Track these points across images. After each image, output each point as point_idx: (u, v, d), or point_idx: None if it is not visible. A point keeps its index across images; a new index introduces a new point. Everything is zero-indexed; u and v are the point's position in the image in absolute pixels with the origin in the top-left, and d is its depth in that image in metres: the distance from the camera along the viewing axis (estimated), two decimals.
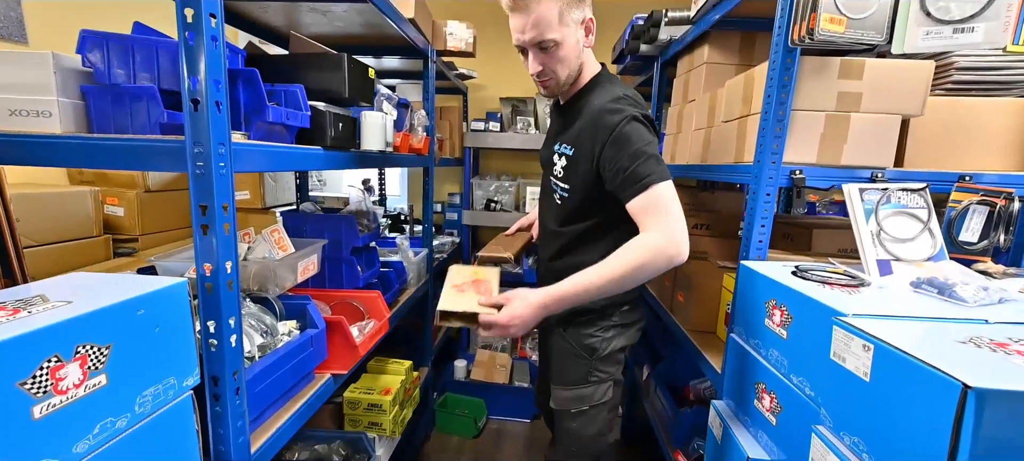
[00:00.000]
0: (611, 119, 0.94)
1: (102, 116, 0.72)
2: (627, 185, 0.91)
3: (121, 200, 1.85)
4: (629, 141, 0.91)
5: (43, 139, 0.67)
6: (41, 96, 0.68)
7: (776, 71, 0.94)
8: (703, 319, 1.41)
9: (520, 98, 2.89)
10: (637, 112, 0.95)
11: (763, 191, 0.99)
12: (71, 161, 0.68)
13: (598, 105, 0.98)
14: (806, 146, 0.98)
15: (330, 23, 1.66)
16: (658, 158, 0.91)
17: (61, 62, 0.69)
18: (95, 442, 0.55)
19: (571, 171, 1.05)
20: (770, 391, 0.87)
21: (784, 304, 0.83)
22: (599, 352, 1.10)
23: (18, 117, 0.68)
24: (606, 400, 1.12)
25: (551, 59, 0.98)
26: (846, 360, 0.61)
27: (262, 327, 0.99)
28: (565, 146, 1.06)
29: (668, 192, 0.89)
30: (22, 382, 0.47)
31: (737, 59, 1.47)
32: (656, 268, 0.89)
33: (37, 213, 1.48)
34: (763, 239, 1.02)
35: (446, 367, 2.65)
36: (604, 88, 1.03)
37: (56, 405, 0.51)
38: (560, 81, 1.02)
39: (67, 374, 0.52)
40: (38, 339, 0.49)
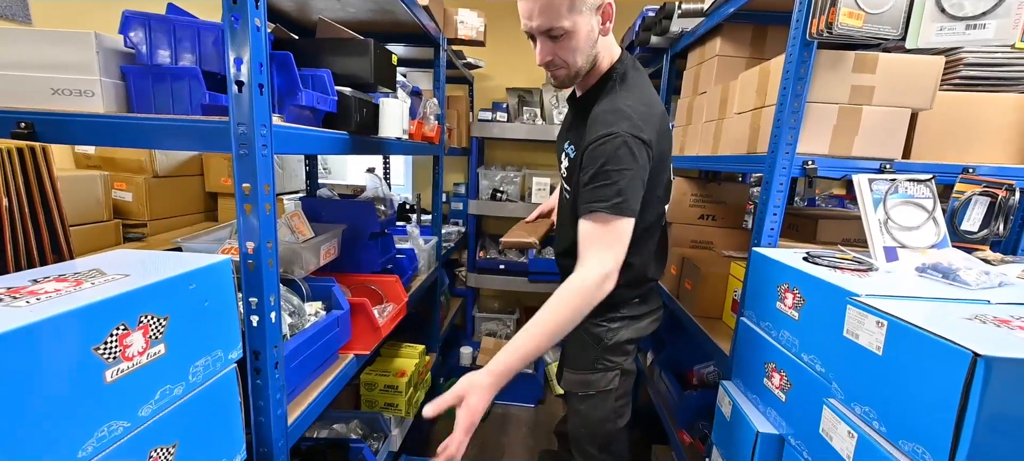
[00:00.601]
0: (600, 128, 0.88)
1: (142, 96, 0.73)
2: (583, 200, 0.89)
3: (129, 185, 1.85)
4: (598, 158, 0.86)
5: (87, 118, 0.69)
6: (84, 75, 0.69)
7: (793, 64, 0.97)
8: (709, 306, 1.46)
9: (527, 89, 2.91)
10: (627, 133, 0.86)
11: (777, 181, 1.02)
12: (113, 140, 0.69)
13: (599, 110, 0.92)
14: (819, 137, 1.02)
15: (343, 9, 1.66)
16: (621, 188, 0.85)
17: (103, 42, 0.70)
18: (157, 407, 0.58)
19: (572, 172, 1.01)
20: (780, 370, 0.92)
21: (796, 287, 0.88)
22: (605, 341, 1.10)
23: (61, 96, 0.70)
24: (612, 388, 1.13)
25: (561, 48, 0.91)
26: (859, 337, 0.66)
27: (290, 307, 1.02)
28: (570, 146, 1.02)
29: (617, 226, 0.85)
30: (96, 347, 0.50)
31: (749, 52, 1.50)
32: (586, 308, 0.87)
33: None
34: (775, 227, 1.06)
35: (452, 353, 2.69)
36: (615, 94, 0.95)
37: (124, 371, 0.53)
38: (571, 72, 0.95)
39: (133, 341, 0.54)
40: (108, 307, 0.51)
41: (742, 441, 0.98)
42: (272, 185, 0.74)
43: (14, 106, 0.70)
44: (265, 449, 0.80)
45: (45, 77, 0.70)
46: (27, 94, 0.70)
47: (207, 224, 2.07)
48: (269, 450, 0.80)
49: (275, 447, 0.80)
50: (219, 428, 0.70)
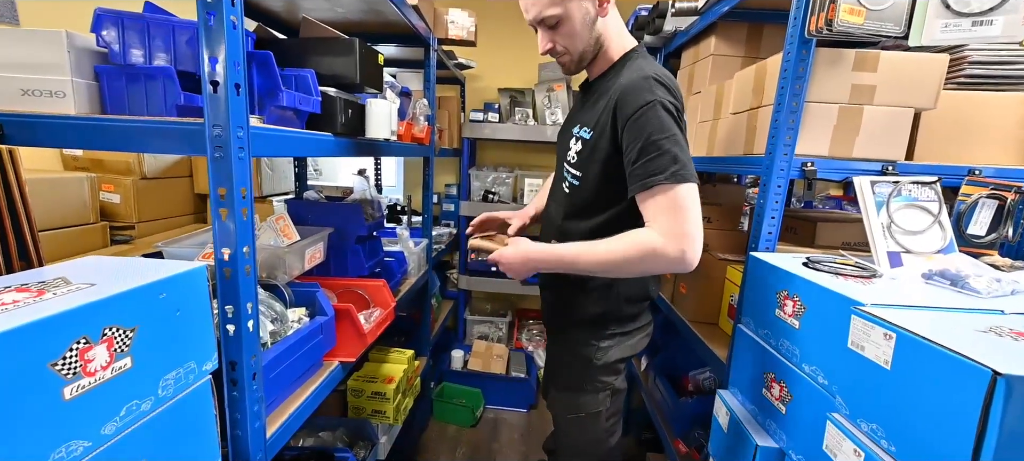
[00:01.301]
0: (634, 100, 0.85)
1: (116, 97, 0.70)
2: (634, 178, 0.85)
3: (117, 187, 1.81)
4: (644, 129, 0.83)
5: (58, 120, 0.66)
6: (54, 75, 0.66)
7: (791, 62, 0.95)
8: (705, 310, 1.43)
9: (519, 89, 2.88)
10: (667, 99, 0.85)
11: (775, 183, 1.00)
12: (85, 143, 0.66)
13: (625, 82, 0.89)
14: (818, 138, 1.00)
15: (331, 9, 1.63)
16: (676, 155, 0.81)
17: (75, 41, 0.66)
18: (122, 424, 0.55)
19: (586, 157, 0.96)
20: (780, 380, 0.89)
21: (796, 294, 0.85)
22: (594, 362, 1.05)
23: (31, 97, 0.66)
24: (602, 409, 1.08)
25: (559, 35, 0.93)
26: (865, 349, 0.63)
27: (272, 314, 0.99)
28: (584, 129, 0.97)
29: (681, 194, 0.80)
30: (53, 363, 0.47)
31: (744, 51, 1.48)
32: (648, 268, 0.84)
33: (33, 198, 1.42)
34: (773, 231, 1.04)
35: (443, 357, 2.66)
36: (638, 66, 0.92)
37: (85, 386, 0.50)
38: (574, 58, 0.96)
39: (95, 356, 0.51)
40: (67, 320, 0.48)
41: (740, 454, 0.96)
42: (249, 188, 0.71)
43: None
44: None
45: (14, 77, 0.66)
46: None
47: (195, 226, 2.03)
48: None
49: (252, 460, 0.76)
50: (192, 444, 0.66)
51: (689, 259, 0.82)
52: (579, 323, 1.07)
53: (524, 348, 2.79)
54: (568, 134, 1.04)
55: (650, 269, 0.86)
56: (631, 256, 0.84)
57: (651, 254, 0.82)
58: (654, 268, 0.85)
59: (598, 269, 0.89)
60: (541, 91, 2.76)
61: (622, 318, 1.06)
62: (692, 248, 0.81)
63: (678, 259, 0.81)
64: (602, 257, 0.86)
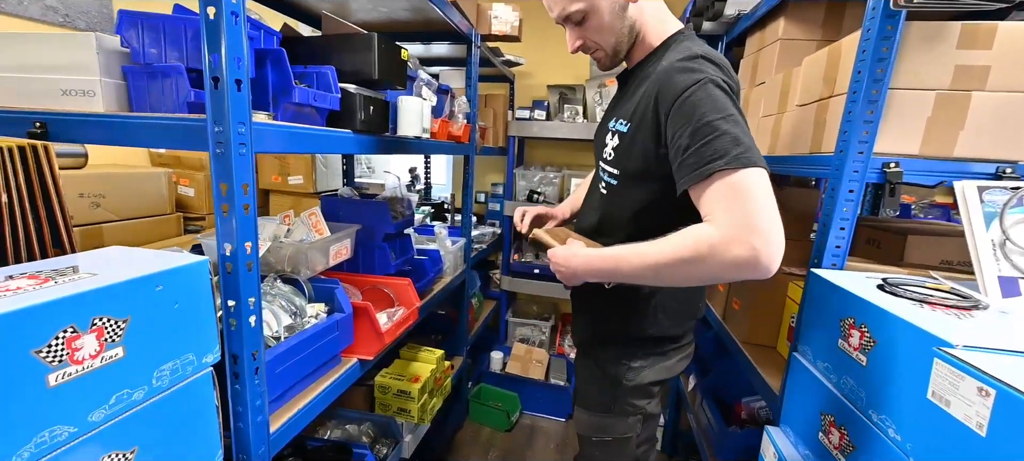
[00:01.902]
0: (680, 81, 0.72)
1: (140, 95, 0.74)
2: (685, 168, 0.69)
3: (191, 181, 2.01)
4: (696, 110, 0.68)
5: (86, 118, 0.71)
6: (86, 76, 0.71)
7: (871, 41, 0.77)
8: (761, 331, 1.25)
9: (569, 85, 2.77)
10: (718, 75, 0.72)
11: (845, 187, 0.83)
12: (109, 138, 0.71)
13: (667, 64, 0.76)
14: (906, 133, 0.81)
15: (375, 8, 1.66)
16: (737, 136, 0.65)
17: (103, 43, 0.71)
18: (111, 412, 0.56)
19: (624, 152, 0.85)
20: (840, 426, 0.73)
21: (865, 324, 0.69)
22: (624, 383, 0.95)
23: (69, 97, 0.72)
24: (631, 435, 0.98)
25: (588, 31, 0.85)
26: (951, 405, 0.48)
27: (292, 308, 1.01)
28: (620, 121, 0.86)
29: (746, 180, 0.63)
30: (37, 350, 0.49)
31: (820, 34, 1.27)
32: (709, 272, 0.67)
33: (120, 191, 1.64)
34: (841, 244, 0.86)
35: (483, 357, 2.64)
36: (681, 47, 0.81)
37: (71, 374, 0.52)
38: (609, 53, 0.87)
39: (83, 345, 0.53)
40: (52, 310, 0.50)
41: None
42: (251, 184, 0.71)
43: (30, 106, 0.73)
44: (244, 456, 0.77)
45: (55, 78, 0.72)
46: (40, 95, 0.73)
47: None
48: (248, 457, 0.77)
49: (254, 454, 0.77)
50: (189, 434, 0.68)
51: (763, 260, 0.62)
52: (609, 338, 0.98)
53: (566, 354, 2.69)
54: (604, 129, 0.94)
55: (714, 275, 0.67)
56: (683, 257, 0.67)
57: (709, 253, 0.64)
58: (718, 273, 0.66)
59: (646, 275, 0.73)
60: (592, 87, 2.64)
61: (660, 337, 0.95)
62: (767, 246, 0.61)
63: (747, 260, 0.62)
64: (651, 259, 0.71)
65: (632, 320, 0.94)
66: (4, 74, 0.72)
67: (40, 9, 1.61)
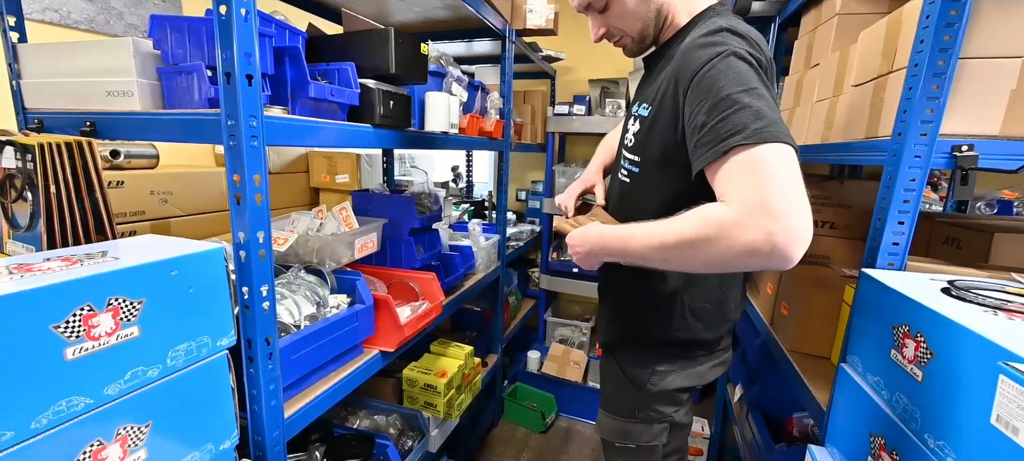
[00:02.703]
0: (700, 56, 0.65)
1: (171, 93, 0.80)
2: (702, 147, 0.62)
3: None
4: (715, 83, 0.62)
5: (126, 116, 0.77)
6: (125, 77, 0.77)
7: (937, 3, 0.64)
8: (813, 340, 1.10)
9: (611, 79, 2.67)
10: (742, 47, 0.65)
11: (904, 175, 0.69)
12: (145, 134, 0.77)
13: (690, 40, 0.71)
14: (983, 111, 0.66)
15: (409, 9, 1.69)
16: (760, 110, 0.58)
17: (139, 47, 0.77)
18: (126, 386, 0.60)
19: (645, 138, 0.79)
20: (891, 451, 0.61)
21: (921, 332, 0.57)
22: (648, 388, 0.89)
23: (113, 97, 0.80)
24: (657, 444, 0.91)
25: (611, 18, 0.81)
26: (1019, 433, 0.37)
27: (315, 298, 1.04)
28: (643, 106, 0.81)
29: (766, 155, 0.56)
30: (56, 326, 0.53)
31: (885, 6, 1.09)
32: (718, 255, 0.58)
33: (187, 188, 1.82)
34: (900, 241, 0.72)
35: (519, 356, 2.61)
36: (707, 22, 0.75)
37: (88, 349, 0.56)
38: (635, 38, 0.83)
39: (99, 323, 0.57)
40: (70, 289, 0.54)
41: None
42: (264, 176, 0.73)
43: (83, 107, 0.82)
44: (259, 438, 0.80)
45: (101, 81, 0.80)
46: (89, 96, 0.81)
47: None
48: (263, 439, 0.80)
49: (268, 437, 0.80)
50: (204, 412, 0.71)
51: (779, 246, 0.53)
52: (633, 340, 0.92)
53: None
54: (628, 116, 0.89)
55: (723, 260, 0.58)
56: (689, 238, 0.60)
57: (717, 236, 0.57)
58: (728, 259, 0.58)
59: (654, 256, 0.67)
60: (635, 79, 2.51)
61: (688, 341, 0.87)
62: (784, 231, 0.53)
63: (759, 245, 0.54)
64: (658, 239, 0.64)
65: (658, 321, 0.87)
66: (60, 79, 0.81)
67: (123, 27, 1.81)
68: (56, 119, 0.82)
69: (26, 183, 0.70)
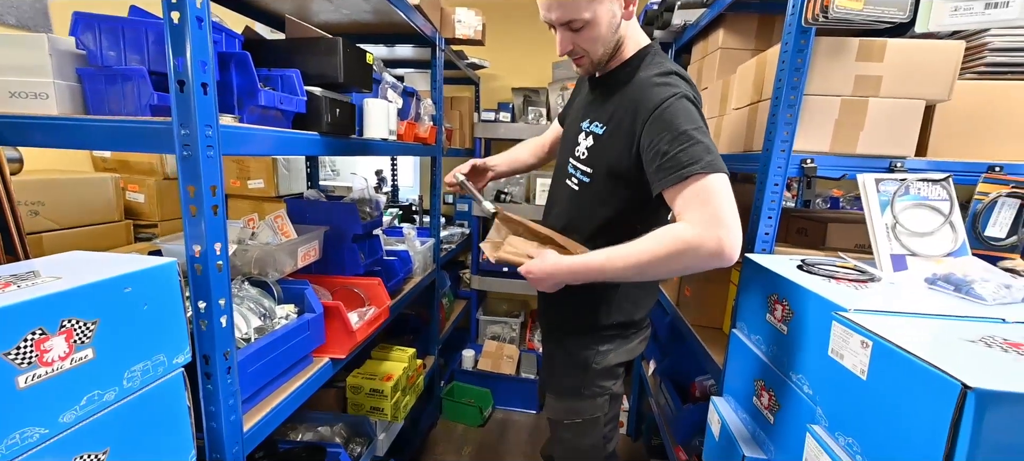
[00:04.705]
0: (658, 93, 0.82)
1: (97, 98, 0.73)
2: (664, 171, 0.79)
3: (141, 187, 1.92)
4: (674, 121, 0.79)
5: (40, 120, 0.69)
6: (38, 78, 0.70)
7: (788, 53, 0.89)
8: (710, 315, 1.37)
9: (532, 88, 2.85)
10: (689, 91, 0.83)
11: (771, 181, 0.94)
12: (67, 142, 0.70)
13: (645, 77, 0.87)
14: (819, 133, 0.93)
15: (337, 10, 1.66)
16: (707, 145, 0.77)
17: (56, 44, 0.70)
18: (82, 412, 0.57)
19: (598, 152, 0.93)
20: (769, 388, 0.84)
21: (785, 298, 0.79)
22: (594, 367, 1.03)
23: (18, 99, 0.71)
24: (600, 415, 1.06)
25: (582, 39, 0.88)
26: (844, 357, 0.58)
27: (260, 310, 1.01)
28: (595, 124, 0.94)
29: (715, 183, 0.75)
30: (6, 353, 0.49)
31: (754, 44, 1.41)
32: (687, 264, 0.78)
33: (62, 197, 1.55)
34: (770, 231, 0.97)
35: (454, 356, 2.67)
36: (654, 62, 0.91)
37: (41, 376, 0.52)
38: (594, 60, 0.92)
39: (52, 347, 0.53)
40: (20, 312, 0.50)
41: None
42: (220, 186, 0.72)
43: None
44: (218, 456, 0.78)
45: (2, 80, 0.71)
46: None
47: None
48: (222, 456, 0.78)
49: (228, 453, 0.78)
50: (161, 434, 0.68)
51: (727, 251, 0.74)
52: (579, 327, 1.05)
53: (536, 349, 2.77)
54: (576, 129, 1.01)
55: (688, 266, 0.78)
56: (666, 254, 0.77)
57: (688, 249, 0.75)
58: (692, 265, 0.78)
59: (630, 273, 0.82)
60: (555, 90, 2.72)
61: (624, 322, 1.03)
62: (730, 238, 0.74)
63: (716, 251, 0.74)
64: (635, 259, 0.80)
65: (601, 309, 1.02)
66: None
67: None
68: None
69: None
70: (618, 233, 0.96)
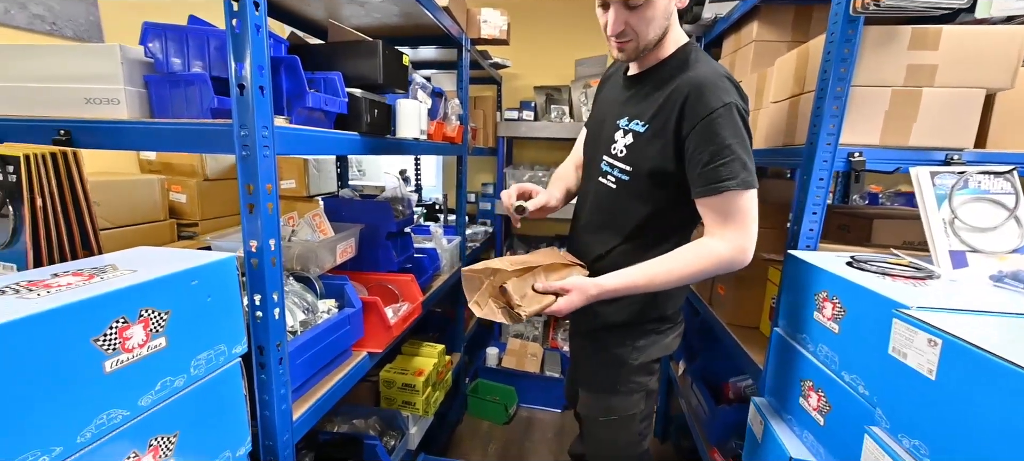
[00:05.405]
0: (708, 99, 0.81)
1: (162, 102, 0.78)
2: (702, 181, 0.83)
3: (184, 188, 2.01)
4: (720, 132, 0.80)
5: (113, 124, 0.74)
6: (111, 85, 0.74)
7: (835, 44, 0.87)
8: (745, 314, 1.34)
9: (555, 87, 2.86)
10: (740, 103, 0.83)
11: (816, 176, 0.92)
12: (137, 144, 0.74)
13: (698, 78, 0.84)
14: (867, 126, 0.90)
15: (368, 14, 1.70)
16: (746, 162, 0.81)
17: (127, 53, 0.75)
18: (157, 397, 0.60)
19: (639, 151, 0.92)
20: (818, 389, 0.82)
21: (836, 296, 0.77)
22: (629, 362, 1.02)
23: (93, 105, 0.75)
24: (636, 412, 1.05)
25: (637, 18, 0.84)
26: (907, 357, 0.56)
27: (304, 304, 1.05)
28: (636, 122, 0.92)
29: (747, 202, 0.82)
30: (95, 339, 0.53)
31: (790, 36, 1.37)
32: (715, 274, 0.87)
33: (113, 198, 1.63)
34: (814, 228, 0.95)
35: (479, 353, 2.69)
36: (705, 62, 0.89)
37: (123, 362, 0.56)
38: (640, 44, 0.88)
39: (133, 334, 0.57)
40: (108, 301, 0.54)
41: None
42: (275, 185, 0.75)
43: (55, 115, 0.76)
44: (270, 442, 0.81)
45: (80, 88, 0.75)
46: (65, 103, 0.76)
47: None
48: (274, 443, 0.81)
49: (279, 441, 0.82)
50: (222, 420, 0.72)
51: (746, 261, 0.85)
52: (616, 324, 1.03)
53: (559, 348, 2.77)
54: (611, 127, 0.98)
55: (718, 274, 0.89)
56: (704, 269, 0.86)
57: (721, 264, 0.85)
58: (718, 273, 0.88)
59: (672, 285, 0.89)
60: (577, 88, 2.72)
61: (660, 317, 1.03)
62: (751, 250, 0.85)
63: (740, 262, 0.85)
64: (678, 274, 0.87)
65: (636, 305, 1.01)
66: (30, 84, 0.75)
67: (26, 18, 1.60)
68: (17, 127, 0.75)
69: (7, 197, 0.65)
70: (655, 230, 0.96)
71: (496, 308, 0.86)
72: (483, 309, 0.86)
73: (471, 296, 0.88)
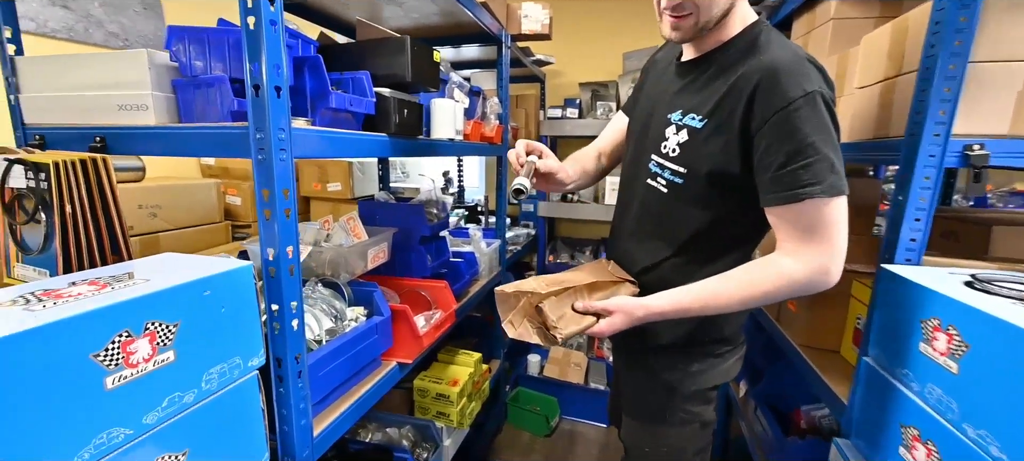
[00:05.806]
0: (789, 87, 0.67)
1: (188, 106, 0.77)
2: (776, 185, 0.68)
3: (238, 191, 2.12)
4: (801, 128, 0.66)
5: (140, 130, 0.74)
6: (139, 91, 0.74)
7: (946, 11, 0.68)
8: (823, 335, 1.15)
9: (601, 82, 2.71)
10: (825, 91, 0.68)
11: (919, 174, 0.73)
12: (163, 149, 0.74)
13: (772, 61, 0.69)
14: (992, 112, 0.71)
15: (406, 15, 1.68)
16: (833, 163, 0.66)
17: (153, 58, 0.74)
18: (164, 414, 0.58)
19: (696, 149, 0.77)
20: (926, 441, 0.65)
21: (952, 326, 0.60)
22: (681, 390, 0.89)
23: (125, 111, 0.76)
24: (687, 446, 0.91)
25: None
26: None
27: (332, 311, 1.02)
28: (691, 116, 0.78)
29: (834, 212, 0.67)
30: (95, 354, 0.50)
31: (877, 11, 1.16)
32: (782, 300, 0.75)
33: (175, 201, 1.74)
34: (917, 238, 0.76)
35: (520, 360, 2.61)
36: (780, 43, 0.74)
37: (127, 377, 0.53)
38: (701, 20, 0.74)
39: (137, 348, 0.54)
40: (109, 314, 0.51)
41: None
42: (292, 190, 0.72)
43: (93, 123, 0.78)
44: (289, 459, 0.78)
45: (112, 94, 0.76)
46: (100, 111, 0.78)
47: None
48: (293, 460, 0.78)
49: (299, 457, 0.78)
50: (237, 436, 0.69)
51: (829, 284, 0.71)
52: (664, 344, 0.90)
53: (605, 358, 2.62)
54: (661, 121, 0.84)
55: (787, 299, 0.80)
56: (772, 293, 0.73)
57: (794, 288, 0.72)
58: (790, 298, 0.79)
59: (731, 310, 0.77)
60: (625, 82, 2.56)
61: (718, 339, 0.89)
62: (837, 273, 0.70)
63: (820, 285, 0.71)
64: (740, 298, 0.75)
65: (693, 325, 0.87)
66: (67, 93, 0.77)
67: (103, 35, 1.74)
68: (59, 134, 0.78)
69: (39, 203, 0.66)
70: (713, 242, 0.82)
71: (531, 328, 0.79)
72: (517, 329, 0.79)
73: (505, 315, 0.81)
